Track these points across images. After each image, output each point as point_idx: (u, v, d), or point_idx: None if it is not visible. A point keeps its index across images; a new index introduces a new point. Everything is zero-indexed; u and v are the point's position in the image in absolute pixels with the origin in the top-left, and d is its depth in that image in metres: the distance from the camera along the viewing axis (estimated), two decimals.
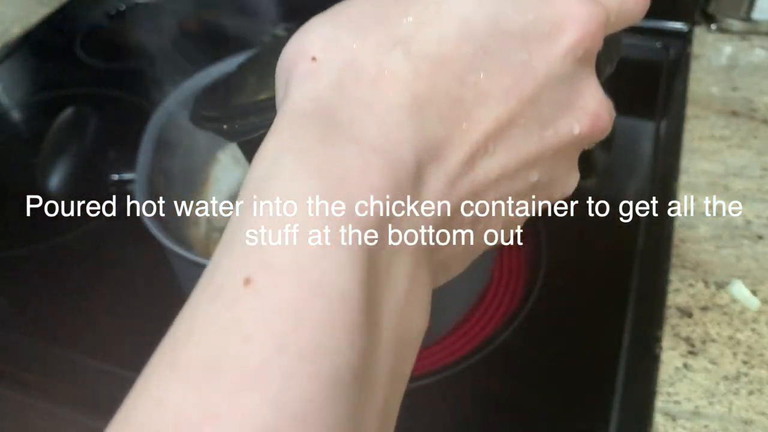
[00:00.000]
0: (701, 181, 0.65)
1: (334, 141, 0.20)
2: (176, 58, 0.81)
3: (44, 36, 0.97)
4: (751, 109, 0.73)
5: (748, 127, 0.71)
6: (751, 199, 0.63)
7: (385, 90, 0.21)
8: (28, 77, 0.91)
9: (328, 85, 0.21)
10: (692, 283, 0.56)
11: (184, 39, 0.88)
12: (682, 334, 0.52)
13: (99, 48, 0.93)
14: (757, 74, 0.78)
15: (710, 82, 0.78)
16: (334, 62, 0.21)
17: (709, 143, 0.69)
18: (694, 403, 0.48)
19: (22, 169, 0.74)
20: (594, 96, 0.24)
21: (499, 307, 0.56)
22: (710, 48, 0.84)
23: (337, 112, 0.20)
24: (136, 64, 0.89)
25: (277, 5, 0.98)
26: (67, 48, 0.94)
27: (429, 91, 0.21)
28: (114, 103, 0.82)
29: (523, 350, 0.53)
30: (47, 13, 1.00)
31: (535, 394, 0.50)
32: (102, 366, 0.53)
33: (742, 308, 0.54)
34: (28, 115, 0.83)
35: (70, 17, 0.96)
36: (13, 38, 0.95)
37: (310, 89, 0.21)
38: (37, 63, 0.93)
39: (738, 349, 0.51)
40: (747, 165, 0.66)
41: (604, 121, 0.24)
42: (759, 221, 0.61)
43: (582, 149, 0.25)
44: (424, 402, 0.50)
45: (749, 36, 0.85)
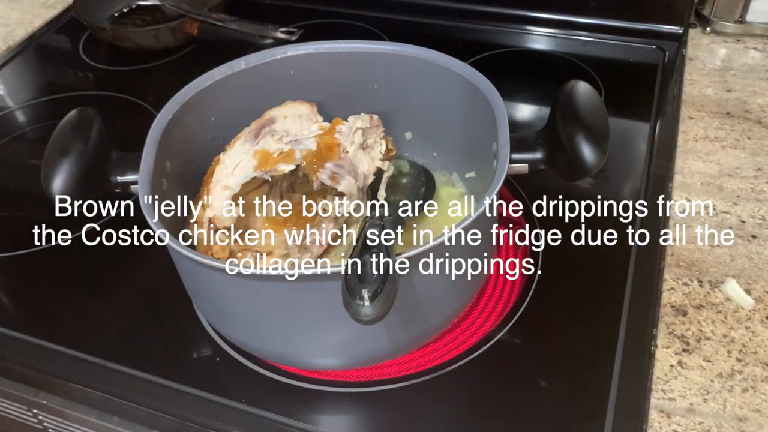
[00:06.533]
0: (696, 181, 0.66)
1: None
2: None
3: (48, 38, 0.97)
4: (745, 111, 0.74)
5: (742, 128, 0.72)
6: (745, 199, 0.63)
7: None
8: (32, 79, 0.92)
9: None
10: (687, 282, 0.57)
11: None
12: (676, 332, 0.53)
13: (102, 50, 0.93)
14: (751, 76, 0.79)
15: (705, 83, 0.78)
16: None
17: (704, 144, 0.70)
18: (688, 400, 0.49)
19: (26, 169, 0.74)
20: None
21: (495, 306, 0.56)
22: (705, 50, 0.84)
23: None
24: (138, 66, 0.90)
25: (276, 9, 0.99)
26: (71, 50, 0.94)
27: None
28: (117, 105, 0.83)
29: (519, 349, 0.54)
30: (51, 15, 1.01)
31: (530, 392, 0.51)
32: (107, 364, 0.54)
33: (736, 307, 0.55)
34: (31, 117, 0.84)
35: (73, 19, 0.97)
36: (18, 41, 0.96)
37: None
38: (41, 65, 0.94)
39: (732, 347, 0.52)
40: (741, 165, 0.67)
41: None
42: (753, 221, 0.61)
43: None
44: (421, 401, 0.51)
45: (743, 38, 0.85)
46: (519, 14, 0.90)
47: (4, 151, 0.78)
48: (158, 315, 0.57)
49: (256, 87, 0.58)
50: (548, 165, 0.50)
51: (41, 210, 0.67)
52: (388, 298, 0.37)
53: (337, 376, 0.52)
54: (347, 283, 0.38)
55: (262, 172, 0.52)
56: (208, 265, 0.43)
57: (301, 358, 0.51)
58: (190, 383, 0.52)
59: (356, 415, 0.51)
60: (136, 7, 0.99)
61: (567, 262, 0.59)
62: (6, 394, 0.56)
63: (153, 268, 0.61)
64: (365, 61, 0.59)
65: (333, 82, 0.59)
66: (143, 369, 0.53)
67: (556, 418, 0.49)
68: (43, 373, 0.55)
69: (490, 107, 0.51)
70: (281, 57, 0.58)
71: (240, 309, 0.48)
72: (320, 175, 0.52)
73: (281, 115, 0.57)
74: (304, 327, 0.47)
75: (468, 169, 0.61)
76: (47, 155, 0.49)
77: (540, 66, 0.86)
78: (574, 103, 0.50)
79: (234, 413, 0.50)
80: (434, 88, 0.57)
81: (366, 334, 0.43)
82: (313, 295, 0.44)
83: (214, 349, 0.54)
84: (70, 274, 0.62)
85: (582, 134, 0.48)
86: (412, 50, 0.57)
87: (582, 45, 0.87)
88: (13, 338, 0.56)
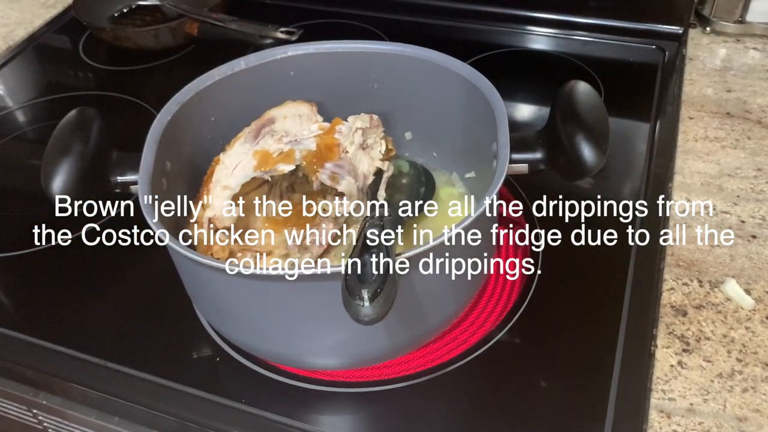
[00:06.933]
0: (696, 181, 0.66)
1: None
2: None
3: (48, 38, 0.97)
4: (745, 111, 0.74)
5: (742, 128, 0.72)
6: (745, 199, 0.63)
7: None
8: (32, 79, 0.92)
9: None
10: (687, 282, 0.56)
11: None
12: (676, 333, 0.53)
13: (102, 50, 0.93)
14: (751, 76, 0.79)
15: (705, 83, 0.78)
16: None
17: (704, 144, 0.70)
18: (688, 400, 0.49)
19: (26, 169, 0.74)
20: None
21: (495, 306, 0.56)
22: (705, 50, 0.84)
23: None
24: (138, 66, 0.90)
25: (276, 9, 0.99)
26: (71, 50, 0.94)
27: None
28: (117, 105, 0.83)
29: (519, 349, 0.54)
30: (51, 15, 1.01)
31: (530, 392, 0.51)
32: (107, 364, 0.54)
33: (736, 307, 0.55)
34: (31, 117, 0.84)
35: (73, 19, 0.97)
36: (18, 41, 0.96)
37: None
38: (41, 65, 0.94)
39: (732, 347, 0.52)
40: (741, 165, 0.67)
41: None
42: (753, 221, 0.61)
43: None
44: (421, 401, 0.51)
45: (743, 38, 0.85)
46: (519, 14, 0.90)
47: (4, 151, 0.78)
48: (158, 315, 0.57)
49: (256, 87, 0.58)
50: (548, 165, 0.50)
51: (41, 210, 0.67)
52: (388, 298, 0.37)
53: (337, 376, 0.52)
54: (347, 283, 0.38)
55: (261, 172, 0.52)
56: (208, 265, 0.43)
57: (301, 358, 0.51)
58: (190, 383, 0.52)
59: (356, 415, 0.51)
60: (136, 7, 0.99)
61: (567, 262, 0.59)
62: (6, 394, 0.57)
63: (153, 268, 0.61)
64: (365, 61, 0.59)
65: (333, 82, 0.59)
66: (143, 369, 0.53)
67: (556, 418, 0.49)
68: (43, 373, 0.54)
69: (490, 107, 0.51)
70: (281, 57, 0.58)
71: (240, 309, 0.48)
72: (320, 175, 0.52)
73: (281, 115, 0.57)
74: (304, 327, 0.47)
75: (468, 169, 0.61)
76: (47, 155, 0.49)
77: (540, 66, 0.86)
78: (574, 103, 0.50)
79: (234, 413, 0.50)
80: (434, 88, 0.57)
81: (366, 334, 0.43)
82: (313, 295, 0.44)
83: (214, 349, 0.54)
84: (70, 274, 0.62)
85: (582, 134, 0.48)
86: (412, 50, 0.57)
87: (582, 45, 0.87)
88: (13, 338, 0.56)
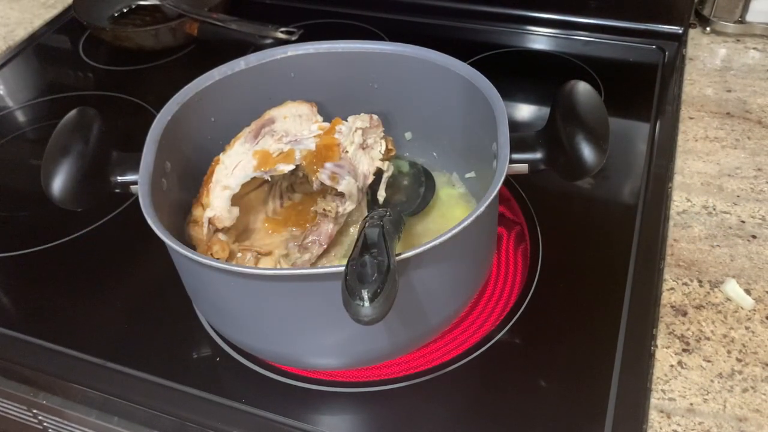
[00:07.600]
0: (695, 181, 0.66)
1: None
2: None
3: (48, 38, 0.97)
4: (745, 111, 0.74)
5: (742, 128, 0.72)
6: (745, 199, 0.63)
7: None
8: (32, 79, 0.92)
9: None
10: (687, 282, 0.57)
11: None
12: (676, 333, 0.53)
13: (102, 50, 0.93)
14: (751, 76, 0.79)
15: (705, 83, 0.78)
16: None
17: (704, 144, 0.70)
18: (688, 400, 0.49)
19: (26, 169, 0.74)
20: None
21: (495, 306, 0.56)
22: (705, 50, 0.84)
23: None
24: (138, 66, 0.90)
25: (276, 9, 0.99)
26: (71, 50, 0.94)
27: None
28: (117, 105, 0.83)
29: (519, 349, 0.54)
30: (51, 15, 1.01)
31: (530, 392, 0.51)
32: (107, 364, 0.54)
33: (736, 307, 0.55)
34: (31, 117, 0.84)
35: (73, 19, 0.97)
36: (18, 41, 0.96)
37: None
38: (41, 65, 0.94)
39: (732, 347, 0.52)
40: (741, 165, 0.67)
41: None
42: (753, 221, 0.61)
43: None
44: (421, 401, 0.51)
45: (743, 38, 0.85)
46: (519, 14, 0.90)
47: (4, 151, 0.78)
48: (158, 315, 0.57)
49: (256, 87, 0.58)
50: (548, 165, 0.50)
51: (41, 210, 0.67)
52: (388, 298, 0.37)
53: (337, 376, 0.52)
54: (347, 283, 0.38)
55: (261, 172, 0.52)
56: (208, 265, 0.43)
57: (301, 358, 0.51)
58: (190, 383, 0.52)
59: (356, 415, 0.51)
60: (136, 7, 0.99)
61: (567, 262, 0.59)
62: (6, 394, 0.57)
63: (153, 268, 0.61)
64: (365, 61, 0.59)
65: (333, 82, 0.60)
66: (143, 369, 0.53)
67: (556, 418, 0.49)
68: (43, 373, 0.54)
69: (490, 107, 0.51)
70: (281, 57, 0.58)
71: (240, 309, 0.48)
72: (320, 175, 0.52)
73: (281, 115, 0.57)
74: (304, 327, 0.47)
75: (468, 169, 0.61)
76: (47, 155, 0.49)
77: (540, 66, 0.86)
78: (574, 103, 0.50)
79: (234, 413, 0.50)
80: (434, 88, 0.57)
81: (366, 334, 0.43)
82: (313, 296, 0.44)
83: (214, 349, 0.54)
84: (70, 274, 0.62)
85: (582, 134, 0.48)
86: (412, 50, 0.57)
87: (582, 45, 0.87)
88: (13, 338, 0.56)
